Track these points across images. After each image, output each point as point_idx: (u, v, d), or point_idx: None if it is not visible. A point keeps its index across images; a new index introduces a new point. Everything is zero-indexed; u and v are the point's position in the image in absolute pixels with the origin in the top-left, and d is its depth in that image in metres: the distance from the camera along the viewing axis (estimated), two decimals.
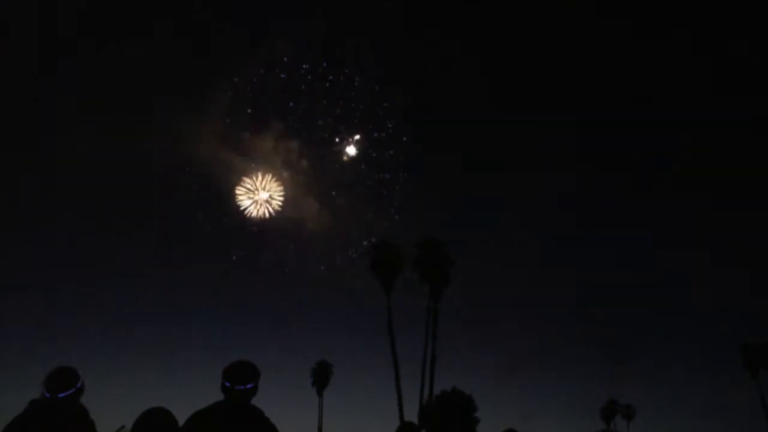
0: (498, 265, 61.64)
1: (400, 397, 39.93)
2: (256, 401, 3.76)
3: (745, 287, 68.75)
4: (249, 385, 3.71)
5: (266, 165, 56.34)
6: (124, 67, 67.64)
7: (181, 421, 3.57)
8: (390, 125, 55.92)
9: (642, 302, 73.55)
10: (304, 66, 54.00)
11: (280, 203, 52.50)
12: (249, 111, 57.36)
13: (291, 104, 55.61)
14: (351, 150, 55.65)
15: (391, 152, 56.30)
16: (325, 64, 53.86)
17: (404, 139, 56.53)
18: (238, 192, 52.13)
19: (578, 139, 78.76)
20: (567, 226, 77.17)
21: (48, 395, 3.60)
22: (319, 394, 48.84)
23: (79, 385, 3.71)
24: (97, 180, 66.84)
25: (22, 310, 60.83)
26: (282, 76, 55.10)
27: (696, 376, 64.71)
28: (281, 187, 52.85)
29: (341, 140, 56.15)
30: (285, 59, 55.33)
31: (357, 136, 55.95)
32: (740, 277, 68.51)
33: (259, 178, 52.52)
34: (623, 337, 73.07)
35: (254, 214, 52.00)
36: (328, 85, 54.44)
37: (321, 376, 48.98)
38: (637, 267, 75.53)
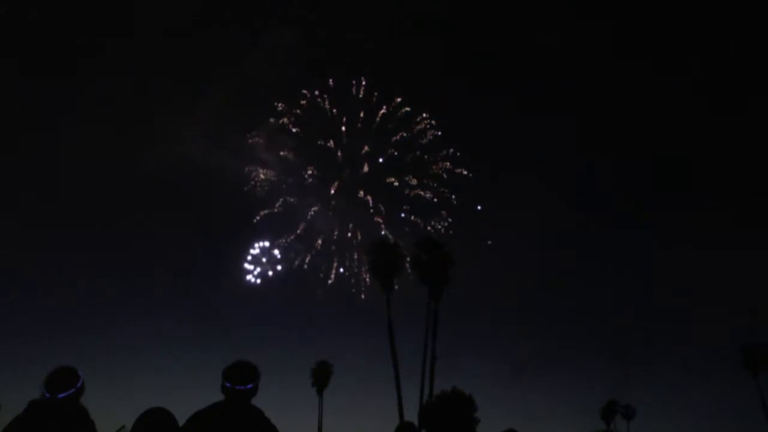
0: (499, 265, 61.61)
1: (400, 397, 39.90)
2: (256, 401, 3.76)
3: (746, 287, 68.73)
4: (249, 386, 3.71)
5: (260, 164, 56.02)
6: (122, 67, 67.60)
7: (181, 421, 3.57)
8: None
9: (642, 302, 73.55)
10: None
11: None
12: (244, 109, 57.20)
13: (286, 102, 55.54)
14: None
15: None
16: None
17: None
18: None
19: (580, 139, 78.67)
20: (568, 227, 77.08)
21: (48, 395, 3.59)
22: (319, 394, 48.77)
23: (79, 385, 3.71)
24: (96, 180, 66.77)
25: (22, 310, 60.81)
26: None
27: (696, 377, 64.55)
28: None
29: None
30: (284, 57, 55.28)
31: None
32: (741, 277, 68.44)
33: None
34: (623, 338, 73.00)
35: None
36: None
37: (321, 376, 48.88)
38: (637, 267, 75.46)
